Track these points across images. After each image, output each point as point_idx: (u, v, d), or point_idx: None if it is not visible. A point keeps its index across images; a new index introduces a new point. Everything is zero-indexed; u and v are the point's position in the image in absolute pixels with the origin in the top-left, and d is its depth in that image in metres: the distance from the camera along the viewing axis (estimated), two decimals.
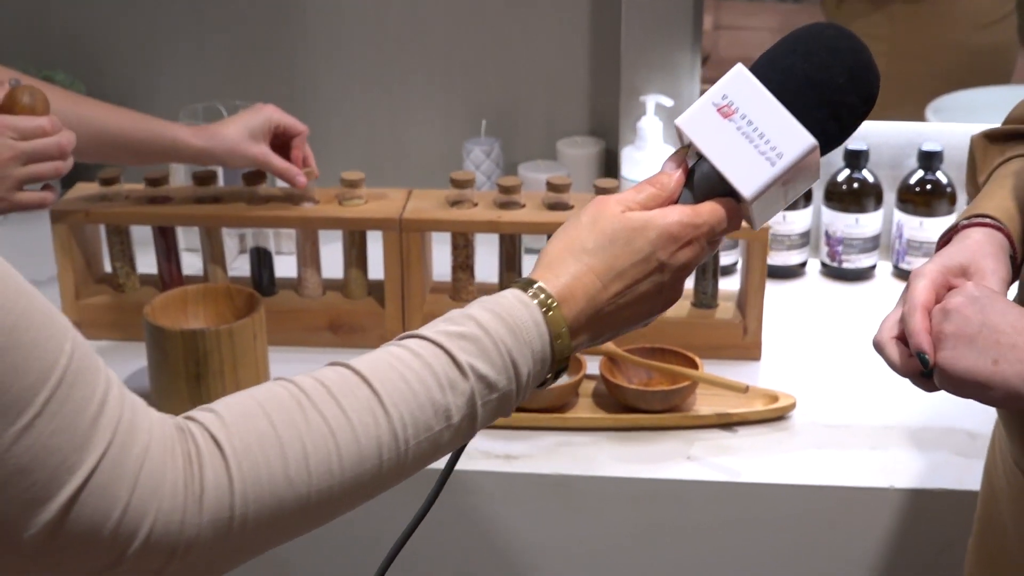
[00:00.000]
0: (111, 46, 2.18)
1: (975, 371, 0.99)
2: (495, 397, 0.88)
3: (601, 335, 0.95)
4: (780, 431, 1.56)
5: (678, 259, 0.95)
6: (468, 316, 0.89)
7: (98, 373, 0.73)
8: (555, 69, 2.11)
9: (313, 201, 1.73)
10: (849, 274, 1.94)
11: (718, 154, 0.96)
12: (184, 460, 0.76)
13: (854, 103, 0.96)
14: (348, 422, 0.82)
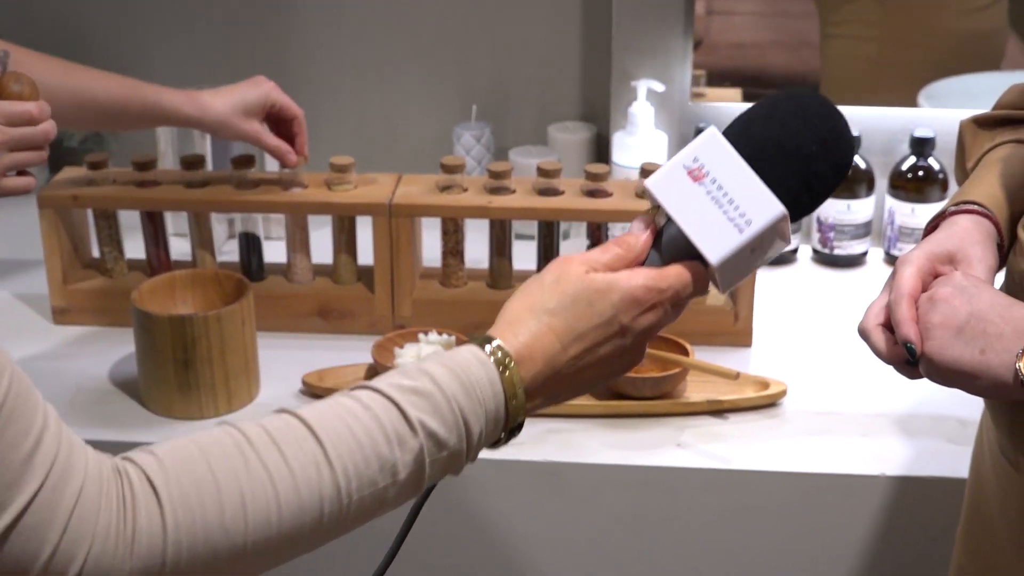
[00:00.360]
0: (102, 30, 2.17)
1: (962, 361, 0.99)
2: (444, 455, 0.86)
3: (558, 397, 0.93)
4: (771, 418, 1.56)
5: (640, 323, 0.94)
6: (423, 371, 0.87)
7: (36, 410, 0.72)
8: (546, 54, 2.11)
9: (302, 186, 1.72)
10: (841, 260, 1.93)
11: (686, 218, 0.95)
12: (118, 503, 0.75)
13: (825, 172, 0.95)
14: (290, 473, 0.80)
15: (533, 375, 0.90)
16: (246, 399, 1.57)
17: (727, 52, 2.35)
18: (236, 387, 1.55)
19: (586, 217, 1.69)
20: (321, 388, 1.57)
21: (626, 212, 1.68)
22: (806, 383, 1.60)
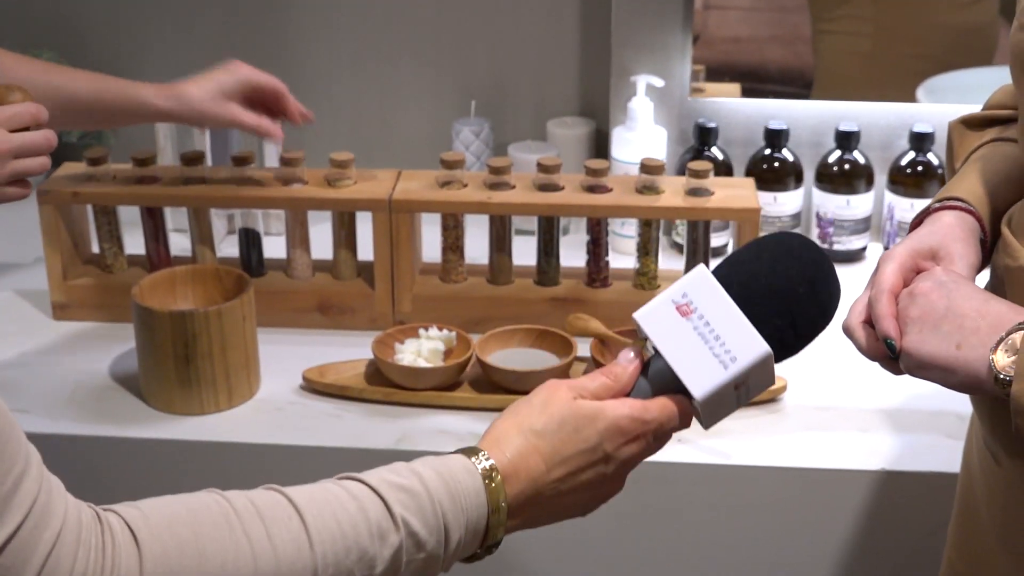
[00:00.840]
0: (98, 25, 2.18)
1: (938, 355, 1.00)
2: (421, 557, 0.87)
3: (538, 520, 0.95)
4: (770, 413, 1.56)
5: (623, 453, 0.96)
6: (412, 471, 0.89)
7: (18, 451, 0.72)
8: (545, 49, 2.12)
9: (302, 182, 1.73)
10: (840, 255, 1.94)
11: (672, 352, 0.98)
12: (96, 552, 0.75)
13: (813, 314, 0.98)
14: (272, 549, 0.81)
15: (516, 492, 0.92)
16: (247, 395, 1.57)
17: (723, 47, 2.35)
18: (237, 383, 1.55)
19: (586, 212, 1.70)
20: (321, 384, 1.58)
21: (625, 207, 1.69)
22: (805, 379, 1.61)
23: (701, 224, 1.71)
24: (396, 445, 1.49)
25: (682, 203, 1.67)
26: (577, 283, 1.75)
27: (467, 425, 1.53)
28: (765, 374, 0.99)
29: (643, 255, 1.72)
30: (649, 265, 1.72)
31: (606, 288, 1.73)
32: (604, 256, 1.73)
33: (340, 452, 1.49)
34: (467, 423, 1.53)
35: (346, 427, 1.53)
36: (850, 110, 1.99)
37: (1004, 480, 1.11)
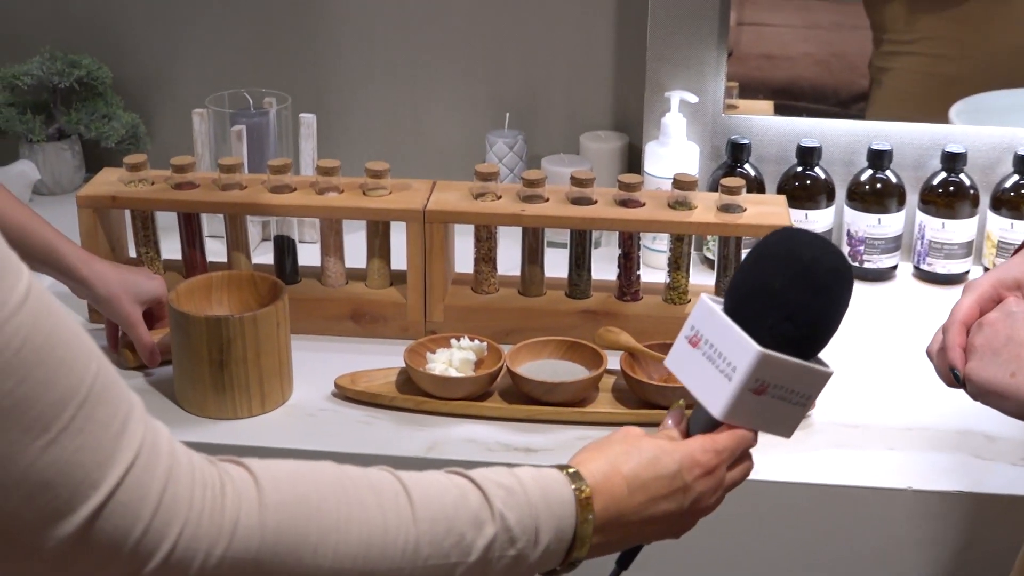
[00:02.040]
0: (137, 31, 2.20)
1: (993, 381, 1.05)
2: (511, 554, 0.90)
3: (617, 543, 0.98)
4: (799, 430, 1.52)
5: (700, 485, 1.00)
6: (512, 472, 0.93)
7: (122, 395, 0.75)
8: (579, 63, 2.12)
9: (337, 191, 1.74)
10: (870, 274, 1.94)
11: (694, 383, 1.02)
12: (213, 491, 0.78)
13: (803, 300, 0.98)
14: (382, 518, 0.84)
15: (600, 509, 0.95)
16: (279, 400, 1.59)
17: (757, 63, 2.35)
18: (270, 388, 1.56)
19: (618, 227, 1.71)
20: (353, 391, 1.59)
21: (658, 222, 1.70)
22: (834, 396, 1.59)
23: (732, 240, 1.71)
24: (426, 453, 1.50)
25: (714, 219, 1.68)
26: (608, 296, 1.76)
27: (497, 435, 1.54)
28: (792, 372, 1.00)
29: (674, 270, 1.73)
30: (680, 280, 1.73)
31: (637, 302, 1.74)
32: (636, 270, 1.74)
33: (370, 459, 1.48)
34: (497, 433, 1.54)
35: (377, 434, 1.54)
36: (883, 129, 2.00)
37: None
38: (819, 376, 1.02)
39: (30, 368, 0.69)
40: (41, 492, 0.70)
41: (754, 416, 1.01)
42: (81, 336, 0.73)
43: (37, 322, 0.70)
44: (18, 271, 0.70)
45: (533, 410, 1.56)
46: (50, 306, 0.71)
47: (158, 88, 2.22)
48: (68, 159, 2.19)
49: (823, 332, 1.01)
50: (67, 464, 0.71)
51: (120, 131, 2.15)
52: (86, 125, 2.15)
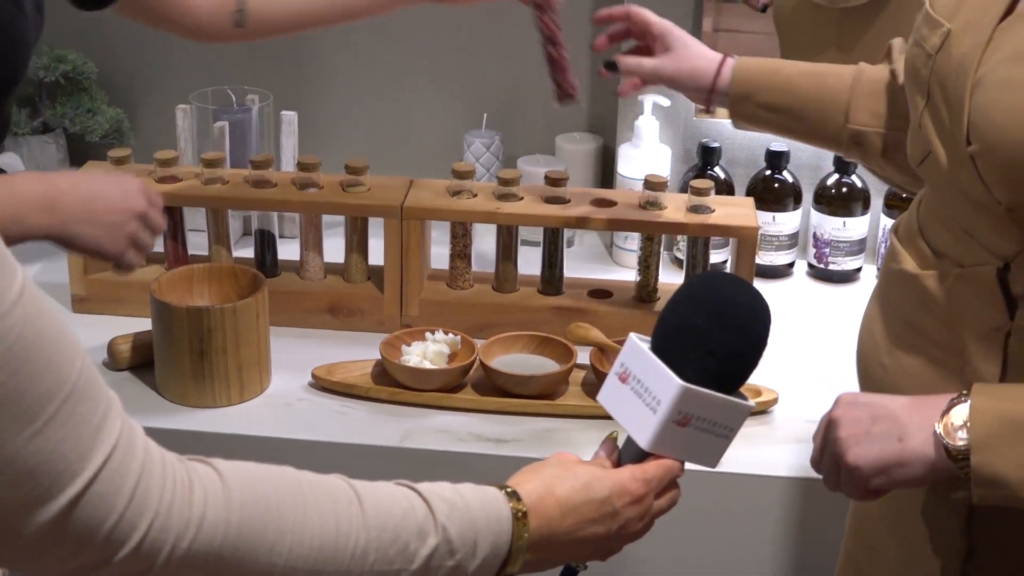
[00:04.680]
0: (123, 28, 2.15)
1: (883, 455, 1.04)
2: (450, 565, 0.92)
3: (547, 561, 1.01)
4: (763, 424, 1.59)
5: (629, 512, 1.02)
6: (455, 489, 0.95)
7: (102, 392, 0.77)
8: None
9: (318, 187, 1.76)
10: (835, 276, 1.97)
11: (623, 416, 1.05)
12: (182, 487, 0.80)
13: (723, 338, 1.01)
14: (335, 522, 0.87)
15: (534, 529, 0.98)
16: (257, 389, 1.61)
17: None
18: (248, 378, 1.58)
19: (591, 226, 1.73)
20: (330, 381, 1.61)
21: (628, 221, 1.72)
22: (797, 392, 1.64)
23: (701, 240, 1.74)
24: (400, 443, 1.52)
25: (683, 219, 1.71)
26: (580, 293, 1.78)
27: (469, 426, 1.56)
28: (713, 406, 1.03)
29: (644, 269, 1.75)
30: (650, 279, 1.75)
31: (607, 299, 1.76)
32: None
33: (346, 448, 1.53)
34: (469, 424, 1.56)
35: (352, 424, 1.56)
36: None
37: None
38: (739, 409, 1.05)
39: (21, 363, 0.71)
40: (25, 479, 0.73)
41: (679, 447, 1.05)
42: (68, 334, 0.76)
43: (29, 320, 0.72)
44: (13, 270, 0.73)
45: (505, 402, 1.59)
46: (41, 305, 0.74)
47: (142, 84, 2.23)
48: (53, 152, 2.20)
49: (742, 367, 1.04)
50: (50, 454, 0.73)
51: (104, 126, 2.17)
52: (71, 119, 2.17)
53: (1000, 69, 1.01)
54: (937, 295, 1.10)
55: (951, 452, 1.01)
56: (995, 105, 1.00)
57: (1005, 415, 1.00)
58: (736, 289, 1.04)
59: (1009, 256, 1.05)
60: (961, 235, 1.09)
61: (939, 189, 1.12)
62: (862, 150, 1.37)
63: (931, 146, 1.10)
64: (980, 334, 1.07)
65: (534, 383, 1.58)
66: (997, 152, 1.00)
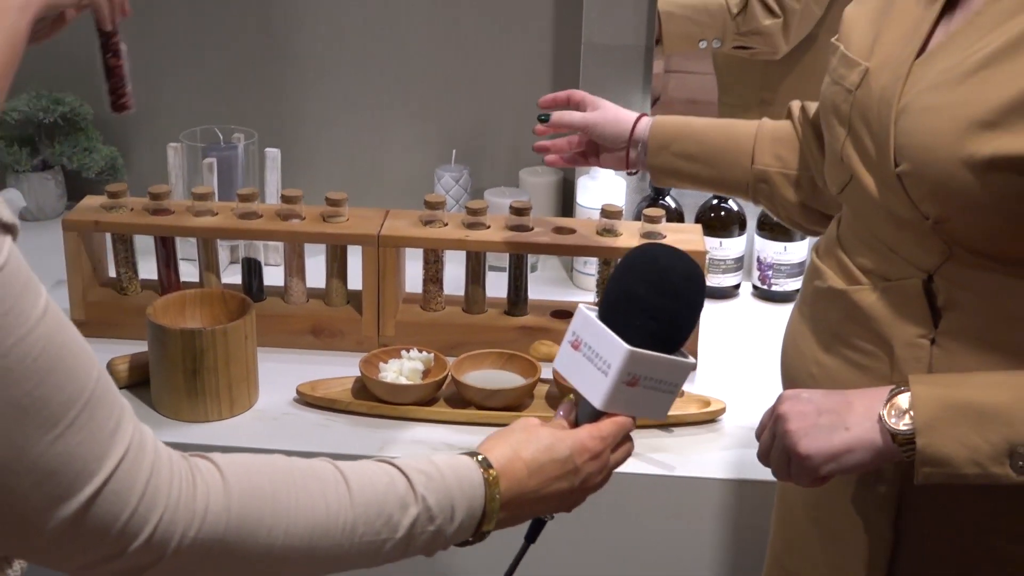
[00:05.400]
0: None
1: (832, 443, 1.07)
2: (431, 529, 0.96)
3: (519, 517, 1.05)
4: (711, 432, 1.62)
5: (589, 467, 1.06)
6: (431, 461, 0.99)
7: (116, 399, 0.81)
8: (519, 105, 2.14)
9: (300, 217, 1.78)
10: (777, 296, 2.01)
11: (577, 380, 1.08)
12: (187, 484, 0.83)
13: (662, 303, 1.05)
14: (325, 503, 0.90)
15: (504, 490, 1.02)
16: (247, 405, 1.62)
17: (682, 108, 2.38)
18: (238, 394, 1.60)
19: (553, 251, 1.76)
20: (313, 397, 1.63)
21: (589, 247, 1.75)
22: (743, 402, 1.67)
23: None
24: (378, 453, 1.54)
25: (637, 244, 1.73)
26: (543, 314, 1.80)
27: (442, 437, 1.58)
28: (658, 365, 1.06)
29: (602, 291, 1.77)
30: None
31: (568, 319, 1.78)
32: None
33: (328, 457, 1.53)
34: (442, 435, 1.59)
35: (334, 436, 1.58)
36: None
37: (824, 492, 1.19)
38: (682, 366, 1.08)
39: (45, 373, 0.75)
40: (48, 478, 0.76)
41: (630, 404, 1.08)
42: (86, 348, 0.79)
43: (52, 335, 0.76)
44: (38, 291, 0.76)
45: (475, 414, 1.61)
46: (62, 321, 0.77)
47: (135, 124, 2.23)
48: (51, 188, 2.21)
49: (682, 328, 1.07)
50: (70, 456, 0.76)
51: (100, 163, 2.18)
52: (68, 157, 2.18)
53: (922, 98, 1.06)
54: (864, 308, 1.14)
55: (896, 437, 1.05)
56: (921, 129, 1.05)
57: (945, 400, 1.04)
58: (672, 259, 1.07)
59: (932, 269, 1.09)
60: (885, 252, 1.13)
61: (862, 212, 1.16)
62: (766, 189, 1.43)
63: (854, 172, 1.14)
64: (907, 341, 1.11)
65: (501, 396, 1.60)
66: (926, 170, 1.04)
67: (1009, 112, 0.99)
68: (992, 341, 1.07)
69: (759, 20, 2.04)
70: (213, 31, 2.16)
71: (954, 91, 1.03)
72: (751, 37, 2.07)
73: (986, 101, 1.01)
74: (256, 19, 2.14)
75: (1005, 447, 1.01)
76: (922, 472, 1.04)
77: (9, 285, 0.74)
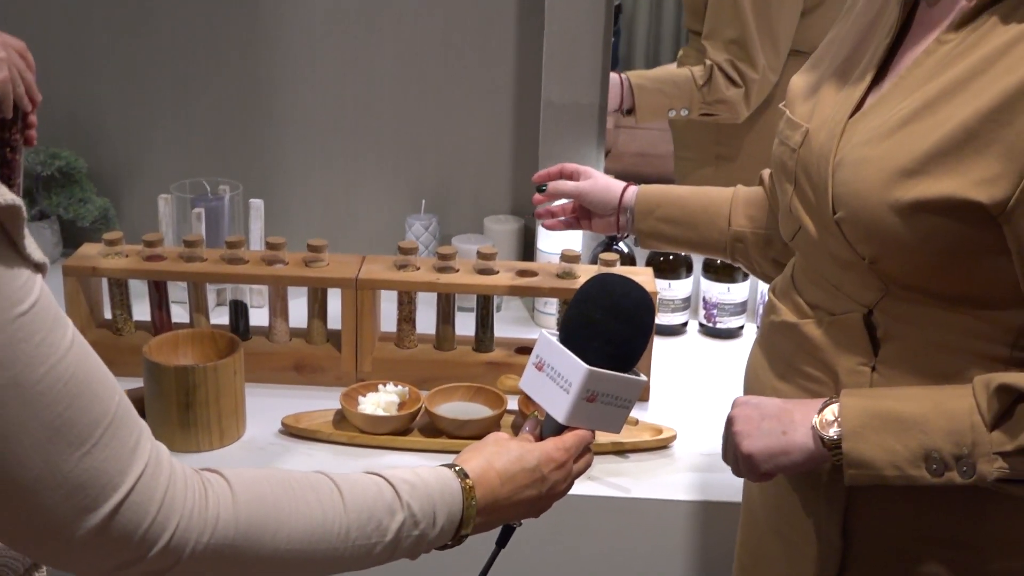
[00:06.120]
0: (109, 128, 2.21)
1: (771, 445, 1.13)
2: (416, 534, 1.00)
3: (493, 522, 1.09)
4: (663, 457, 1.65)
5: (555, 476, 1.10)
6: (415, 471, 1.03)
7: (135, 420, 0.84)
8: (484, 159, 2.17)
9: (283, 263, 1.80)
10: (722, 332, 2.05)
11: (542, 398, 1.13)
12: (199, 495, 0.86)
13: (616, 328, 1.09)
14: (321, 511, 0.93)
15: (479, 497, 1.06)
16: (235, 436, 1.64)
17: (631, 160, 2.41)
18: (227, 426, 1.62)
19: (516, 292, 1.79)
20: (297, 428, 1.65)
21: (549, 289, 1.78)
22: (693, 430, 1.70)
23: None
24: None
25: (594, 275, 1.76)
26: (508, 350, 1.83)
27: (417, 464, 1.58)
28: (614, 383, 1.10)
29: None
30: None
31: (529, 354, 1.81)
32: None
33: None
34: (417, 462, 1.57)
35: (316, 464, 1.59)
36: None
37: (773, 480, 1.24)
38: (635, 384, 1.13)
39: (74, 397, 0.78)
40: (76, 491, 0.79)
41: (590, 419, 1.12)
42: (108, 374, 0.82)
43: (80, 362, 0.79)
44: (66, 323, 0.79)
45: (447, 443, 1.63)
46: (87, 350, 0.81)
47: (127, 177, 2.25)
48: (48, 236, 2.22)
49: (634, 349, 1.11)
50: (97, 471, 0.79)
51: (93, 213, 2.19)
52: (64, 207, 2.19)
53: (855, 152, 1.11)
54: (813, 339, 1.19)
55: (826, 442, 1.10)
56: (854, 179, 1.10)
57: (869, 409, 1.09)
58: (624, 287, 1.11)
59: (871, 304, 1.13)
60: (831, 290, 1.18)
61: (810, 255, 1.21)
62: (742, 247, 1.48)
63: (801, 222, 1.19)
64: (850, 369, 1.15)
65: (471, 426, 1.62)
66: (859, 216, 1.09)
67: (927, 161, 1.05)
68: (926, 367, 1.12)
69: (723, 91, 2.11)
70: (201, 91, 2.18)
71: (881, 145, 1.08)
72: (715, 105, 2.13)
73: (908, 152, 1.06)
74: (241, 80, 2.16)
75: (921, 452, 1.06)
76: (848, 474, 1.09)
77: (41, 319, 0.77)
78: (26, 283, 0.77)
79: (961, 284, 1.08)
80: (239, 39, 2.13)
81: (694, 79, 2.12)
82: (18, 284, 0.76)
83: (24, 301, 0.76)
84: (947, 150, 1.03)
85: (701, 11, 2.14)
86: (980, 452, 1.04)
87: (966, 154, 1.02)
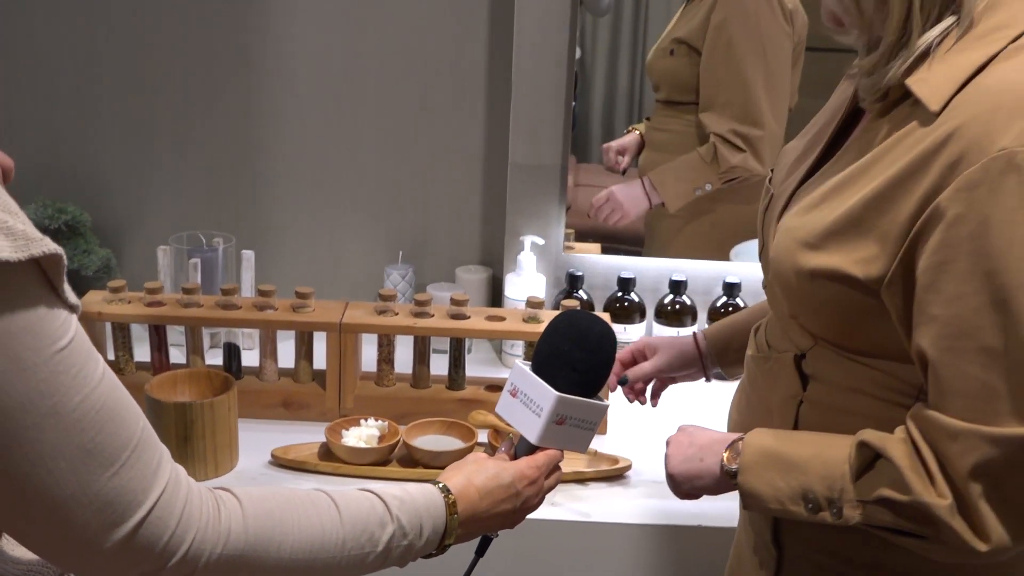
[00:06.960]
0: (111, 184, 2.22)
1: (690, 469, 1.19)
2: (404, 544, 1.03)
3: (471, 533, 1.13)
4: (620, 485, 1.67)
5: (528, 491, 1.15)
6: (403, 487, 1.07)
7: (156, 444, 0.87)
8: (456, 214, 2.19)
9: (273, 308, 1.82)
10: None
11: (516, 421, 1.17)
12: (212, 511, 0.90)
13: (582, 357, 1.14)
14: (320, 524, 0.97)
15: (461, 510, 1.10)
16: (229, 467, 1.65)
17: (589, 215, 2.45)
18: (222, 458, 1.63)
19: (486, 335, 1.81)
20: (286, 459, 1.66)
21: (517, 332, 1.80)
22: (646, 460, 1.72)
23: None
24: None
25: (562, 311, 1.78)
26: (478, 388, 1.85)
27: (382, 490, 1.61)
28: (581, 407, 1.14)
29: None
30: None
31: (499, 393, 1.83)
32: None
33: None
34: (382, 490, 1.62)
35: None
36: (680, 265, 2.14)
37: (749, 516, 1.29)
38: (599, 408, 1.17)
39: (104, 423, 0.81)
40: (105, 508, 0.82)
41: (559, 440, 1.16)
42: (133, 403, 0.86)
43: (110, 392, 0.82)
44: (98, 358, 0.83)
45: (423, 472, 1.65)
46: (115, 381, 0.84)
47: (128, 230, 2.25)
48: None
49: (599, 377, 1.16)
50: (123, 489, 0.83)
51: (96, 263, 2.19)
52: (69, 258, 2.17)
53: (786, 221, 1.15)
54: (760, 373, 1.24)
55: (727, 472, 1.15)
56: (778, 246, 1.14)
57: (765, 449, 1.13)
58: (589, 321, 1.16)
59: (805, 349, 1.17)
60: (780, 333, 1.22)
61: (771, 304, 1.26)
62: None
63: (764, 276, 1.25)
64: (781, 401, 1.20)
65: (445, 457, 1.63)
66: (778, 278, 1.15)
67: (825, 237, 1.09)
68: (844, 407, 1.15)
69: (729, 160, 2.08)
70: (198, 151, 2.18)
71: (802, 218, 1.13)
72: (730, 171, 2.10)
73: (813, 227, 1.10)
74: (235, 140, 2.16)
75: (800, 491, 1.10)
76: (743, 502, 1.14)
77: (77, 353, 0.80)
78: (64, 322, 0.80)
79: (864, 341, 1.11)
80: (233, 103, 2.14)
81: (702, 157, 2.11)
82: (58, 323, 0.79)
83: (63, 338, 0.79)
84: (840, 230, 1.08)
85: (689, 83, 2.10)
86: (846, 499, 1.08)
87: (852, 236, 1.07)
